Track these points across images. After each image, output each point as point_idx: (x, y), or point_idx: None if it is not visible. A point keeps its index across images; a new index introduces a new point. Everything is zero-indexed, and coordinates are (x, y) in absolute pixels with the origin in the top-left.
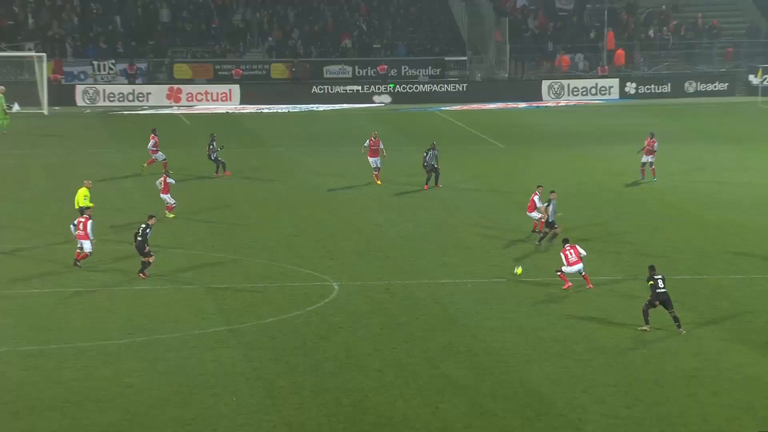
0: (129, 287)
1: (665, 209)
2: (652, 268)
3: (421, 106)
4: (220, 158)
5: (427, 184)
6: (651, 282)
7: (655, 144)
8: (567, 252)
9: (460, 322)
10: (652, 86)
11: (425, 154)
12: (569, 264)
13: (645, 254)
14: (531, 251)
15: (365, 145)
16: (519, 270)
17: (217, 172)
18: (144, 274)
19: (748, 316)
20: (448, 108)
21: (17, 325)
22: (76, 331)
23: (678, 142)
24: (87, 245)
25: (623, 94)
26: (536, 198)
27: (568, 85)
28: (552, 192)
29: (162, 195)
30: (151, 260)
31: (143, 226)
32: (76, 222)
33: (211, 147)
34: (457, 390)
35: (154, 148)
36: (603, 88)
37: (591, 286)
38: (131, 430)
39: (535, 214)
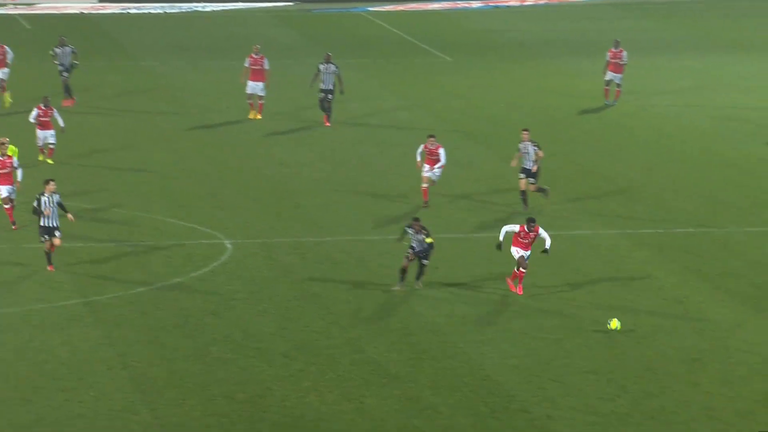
0: None
1: (663, 141)
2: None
3: (342, 5)
4: (68, 78)
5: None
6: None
7: (623, 56)
8: (521, 234)
9: (389, 294)
10: None
11: (318, 71)
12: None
13: (637, 201)
14: (489, 199)
15: (245, 64)
16: (616, 325)
17: (66, 99)
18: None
19: (767, 280)
20: (377, 9)
21: None
22: None
23: (680, 52)
24: None
25: None
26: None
27: None
28: (524, 131)
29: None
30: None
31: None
32: None
33: (59, 60)
34: (389, 380)
35: None
36: None
37: (519, 291)
38: None
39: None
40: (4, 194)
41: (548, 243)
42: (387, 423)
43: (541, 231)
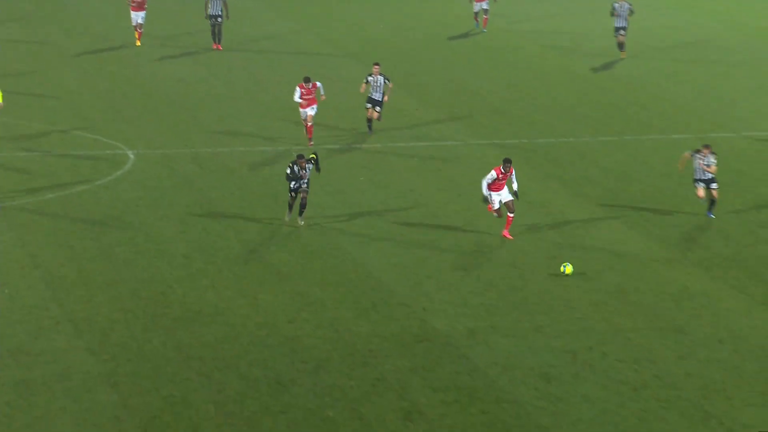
0: None
1: (526, 61)
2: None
3: None
4: None
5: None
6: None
7: None
8: (499, 177)
9: (283, 198)
10: None
11: None
12: (492, 188)
13: (503, 114)
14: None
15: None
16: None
17: None
18: None
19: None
20: None
21: None
22: None
23: None
24: None
25: None
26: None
27: None
28: (375, 65)
29: None
30: None
31: None
32: None
33: None
34: (280, 278)
35: None
36: None
37: (509, 236)
38: None
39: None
40: None
41: (516, 185)
42: (278, 316)
43: (513, 172)
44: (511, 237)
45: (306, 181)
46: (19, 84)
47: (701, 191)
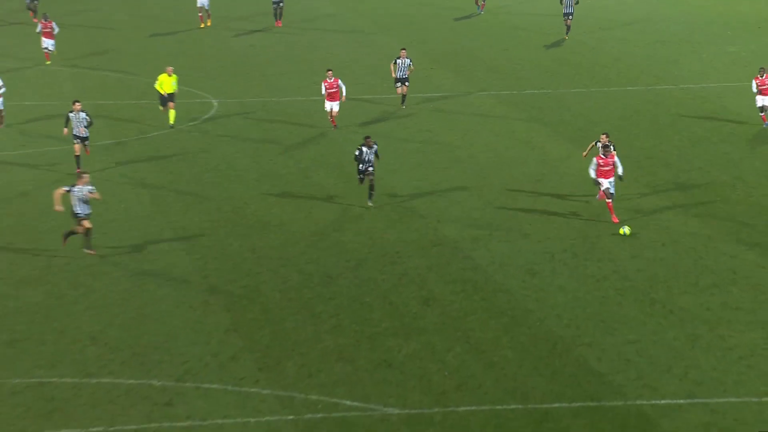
0: None
1: (514, 33)
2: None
3: None
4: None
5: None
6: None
7: None
8: (600, 162)
9: (329, 136)
10: None
11: None
12: (599, 174)
13: (495, 72)
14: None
15: None
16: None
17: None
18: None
19: (585, 125)
20: None
21: None
22: None
23: None
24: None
25: None
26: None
27: None
28: (402, 50)
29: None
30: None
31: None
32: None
33: None
34: (329, 197)
35: None
36: None
37: (616, 219)
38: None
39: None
40: None
41: (621, 170)
42: (327, 226)
43: (616, 157)
44: (617, 220)
45: (372, 164)
46: (126, 51)
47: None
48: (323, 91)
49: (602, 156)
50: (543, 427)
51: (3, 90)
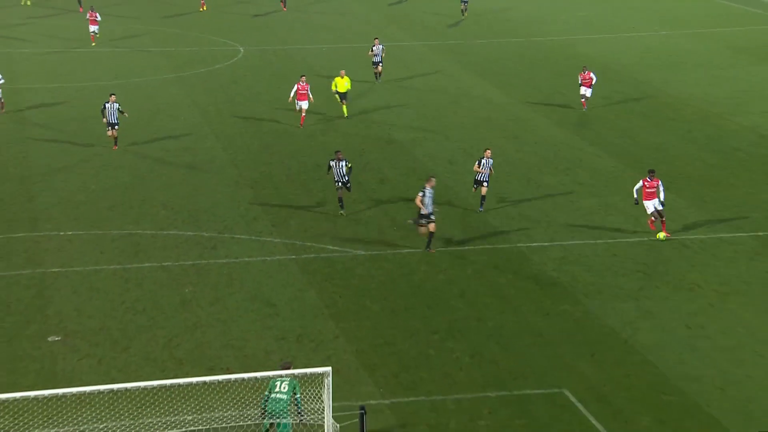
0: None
1: (491, 15)
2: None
3: None
4: None
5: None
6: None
7: None
8: (646, 185)
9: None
10: None
11: None
12: (645, 197)
13: (464, 51)
14: None
15: None
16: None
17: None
18: None
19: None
20: None
21: None
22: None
23: None
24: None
25: None
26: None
27: None
28: (375, 39)
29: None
30: None
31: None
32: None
33: None
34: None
35: None
36: None
37: (666, 233)
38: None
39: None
40: None
41: (663, 196)
42: (315, 131)
43: (659, 182)
44: (668, 234)
45: (347, 178)
46: (174, 15)
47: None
48: (292, 93)
49: (648, 179)
50: None
51: (2, 81)
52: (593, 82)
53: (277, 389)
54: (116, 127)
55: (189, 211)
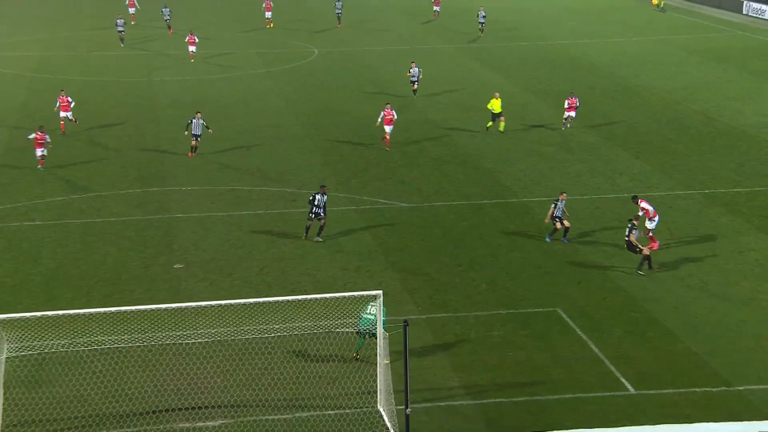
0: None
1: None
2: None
3: None
4: None
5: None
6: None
7: None
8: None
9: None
10: None
11: None
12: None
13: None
14: None
15: None
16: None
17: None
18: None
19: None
20: None
21: None
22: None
23: None
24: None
25: None
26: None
27: None
28: (412, 62)
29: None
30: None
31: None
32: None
33: None
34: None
35: None
36: None
37: (655, 246)
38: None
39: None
40: None
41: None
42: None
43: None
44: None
45: (323, 209)
46: (238, 20)
47: None
48: (380, 119)
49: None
50: None
51: (72, 104)
52: (577, 106)
53: (368, 311)
54: (198, 138)
55: (276, 172)
